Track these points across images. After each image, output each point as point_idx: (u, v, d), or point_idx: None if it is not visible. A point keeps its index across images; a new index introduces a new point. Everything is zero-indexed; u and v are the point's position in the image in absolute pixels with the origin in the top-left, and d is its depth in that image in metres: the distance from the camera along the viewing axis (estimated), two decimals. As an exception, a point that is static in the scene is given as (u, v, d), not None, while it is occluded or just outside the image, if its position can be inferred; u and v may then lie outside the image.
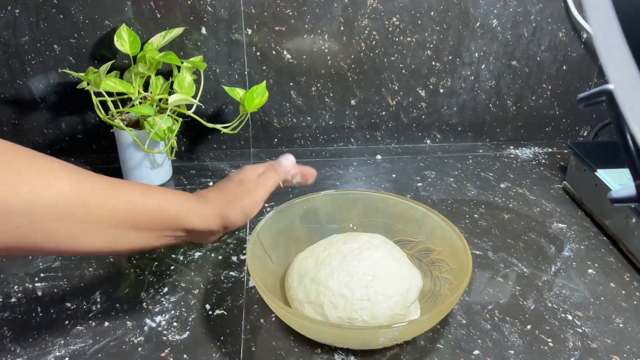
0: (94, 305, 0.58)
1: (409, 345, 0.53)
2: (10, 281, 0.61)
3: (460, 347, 0.53)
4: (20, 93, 0.83)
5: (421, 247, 0.62)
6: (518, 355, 0.53)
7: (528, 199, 0.79)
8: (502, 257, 0.66)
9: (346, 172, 0.86)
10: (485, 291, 0.61)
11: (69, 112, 0.85)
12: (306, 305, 0.53)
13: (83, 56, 0.81)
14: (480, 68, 0.89)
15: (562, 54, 0.90)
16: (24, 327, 0.55)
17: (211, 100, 0.87)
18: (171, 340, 0.53)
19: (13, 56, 0.80)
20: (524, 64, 0.90)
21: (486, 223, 0.73)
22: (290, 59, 0.85)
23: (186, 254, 0.66)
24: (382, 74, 0.88)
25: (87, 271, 0.63)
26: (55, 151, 0.88)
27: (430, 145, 0.95)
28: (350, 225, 0.65)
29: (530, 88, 0.92)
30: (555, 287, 0.62)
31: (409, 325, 0.49)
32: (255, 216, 0.73)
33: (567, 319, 0.57)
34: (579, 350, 0.53)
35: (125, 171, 0.80)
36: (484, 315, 0.57)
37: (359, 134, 0.93)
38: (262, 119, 0.89)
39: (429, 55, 0.87)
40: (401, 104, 0.91)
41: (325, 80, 0.87)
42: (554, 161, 0.91)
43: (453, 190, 0.81)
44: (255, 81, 0.86)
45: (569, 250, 0.68)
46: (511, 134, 0.96)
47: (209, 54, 0.83)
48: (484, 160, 0.90)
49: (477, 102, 0.92)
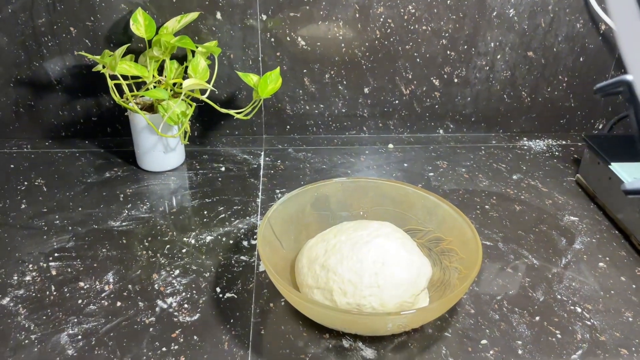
0: (106, 285, 0.59)
1: (416, 333, 0.54)
2: (25, 260, 0.62)
3: (468, 336, 0.54)
4: (37, 75, 0.84)
5: (431, 237, 0.62)
6: (526, 345, 0.53)
7: (540, 191, 0.79)
8: (512, 248, 0.66)
9: (358, 160, 0.86)
10: (494, 282, 0.61)
11: (84, 94, 0.86)
12: (315, 290, 0.53)
13: (99, 39, 0.82)
14: (496, 58, 0.88)
15: (579, 45, 0.89)
16: (38, 305, 0.56)
17: (225, 86, 0.87)
18: (182, 321, 0.54)
19: (30, 38, 0.81)
20: (540, 55, 0.89)
21: (497, 214, 0.73)
22: (304, 45, 0.85)
23: (198, 238, 0.66)
24: (396, 63, 0.87)
25: (101, 252, 0.64)
26: (70, 133, 0.89)
27: (443, 135, 0.95)
28: (360, 212, 0.65)
29: (545, 79, 0.91)
30: (565, 280, 0.61)
31: (417, 313, 0.49)
32: (267, 202, 0.74)
33: (576, 311, 0.57)
34: (587, 343, 0.53)
35: (138, 154, 0.80)
36: (493, 306, 0.57)
37: (371, 122, 0.93)
38: (275, 106, 0.89)
39: (444, 44, 0.87)
40: (415, 93, 0.90)
41: (339, 67, 0.87)
42: (567, 154, 0.90)
43: (465, 181, 0.81)
44: (269, 67, 0.86)
45: (580, 243, 0.68)
46: (525, 126, 0.95)
47: (223, 39, 0.83)
48: (497, 151, 0.90)
49: (491, 93, 0.91)
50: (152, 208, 0.72)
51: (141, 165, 0.81)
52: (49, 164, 0.82)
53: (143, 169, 0.81)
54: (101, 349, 0.51)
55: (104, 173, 0.80)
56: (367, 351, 0.52)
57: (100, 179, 0.79)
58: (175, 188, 0.77)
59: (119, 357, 0.50)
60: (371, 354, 0.51)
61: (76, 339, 0.52)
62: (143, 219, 0.70)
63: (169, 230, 0.68)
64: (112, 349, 0.51)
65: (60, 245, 0.65)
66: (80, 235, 0.66)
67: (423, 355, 0.51)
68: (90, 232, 0.67)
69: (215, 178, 0.79)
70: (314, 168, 0.83)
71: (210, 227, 0.69)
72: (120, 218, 0.70)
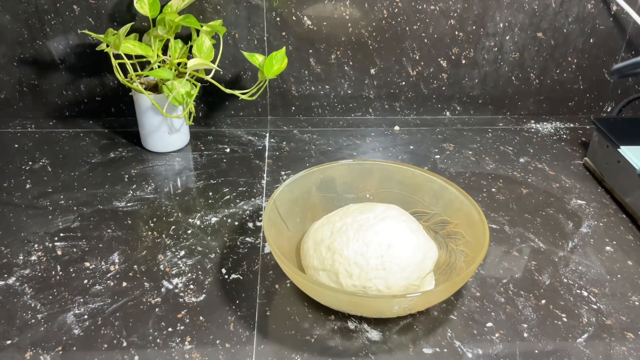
0: (112, 265, 0.59)
1: (422, 315, 0.54)
2: (30, 240, 0.62)
3: (474, 319, 0.54)
4: (40, 54, 0.83)
5: (437, 220, 0.61)
6: (531, 329, 0.53)
7: (547, 174, 0.78)
8: (518, 231, 0.66)
9: (363, 142, 0.85)
10: (500, 265, 0.61)
11: (88, 74, 0.85)
12: (321, 272, 0.53)
13: (102, 17, 0.81)
14: (505, 39, 0.87)
15: (589, 26, 0.87)
16: (44, 285, 0.56)
17: (229, 66, 0.86)
18: (187, 302, 0.54)
19: (33, 16, 0.80)
20: (550, 36, 0.87)
21: (504, 197, 0.72)
22: (310, 25, 0.84)
23: (203, 219, 0.66)
24: (403, 43, 0.86)
25: (106, 232, 0.64)
26: (74, 113, 0.88)
27: (449, 117, 0.94)
28: (366, 195, 0.65)
29: (555, 61, 0.90)
30: (572, 263, 0.61)
31: (423, 296, 0.49)
32: (273, 184, 0.73)
33: (582, 295, 0.57)
34: (593, 327, 0.53)
35: (143, 135, 0.80)
36: (499, 289, 0.57)
37: (377, 104, 0.92)
38: (280, 86, 0.89)
39: (452, 24, 0.85)
40: (422, 75, 0.89)
41: (345, 48, 0.86)
42: (575, 137, 0.89)
43: (471, 164, 0.80)
44: (274, 47, 0.85)
45: (587, 227, 0.67)
46: (533, 108, 0.94)
47: (228, 18, 0.82)
48: (504, 134, 0.89)
49: (499, 75, 0.90)
50: (157, 189, 0.72)
51: (146, 146, 0.81)
52: (53, 143, 0.82)
53: (147, 150, 0.80)
54: (107, 328, 0.51)
55: (108, 153, 0.80)
56: (373, 333, 0.52)
57: (104, 159, 0.78)
58: (180, 169, 0.77)
59: (125, 337, 0.50)
60: (376, 336, 0.51)
61: (82, 318, 0.52)
62: (148, 199, 0.70)
63: (174, 211, 0.68)
64: (118, 329, 0.51)
65: (66, 226, 0.65)
66: (86, 215, 0.66)
67: (428, 338, 0.51)
68: (95, 213, 0.67)
69: (220, 159, 0.79)
70: (320, 150, 0.83)
71: (216, 208, 0.68)
72: (125, 199, 0.70)
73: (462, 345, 0.51)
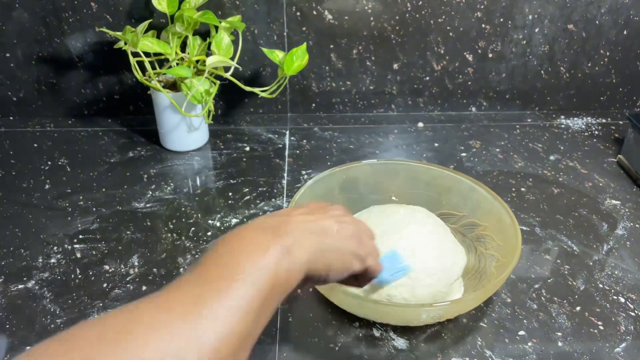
0: (131, 269, 0.58)
1: (450, 323, 0.51)
2: (49, 242, 0.61)
3: (505, 326, 0.51)
4: (58, 51, 0.82)
5: (466, 222, 0.59)
6: (566, 337, 0.50)
7: (579, 172, 0.75)
8: (550, 233, 0.63)
9: (386, 139, 0.83)
10: (531, 269, 0.58)
11: (106, 72, 0.84)
12: (345, 278, 0.51)
13: (120, 14, 0.79)
14: (534, 32, 0.84)
15: (623, 17, 0.83)
16: (64, 289, 0.55)
17: (249, 62, 0.84)
18: (207, 307, 0.53)
19: (50, 13, 0.79)
20: (582, 28, 0.84)
21: (534, 197, 0.69)
22: (331, 19, 0.81)
23: (223, 221, 0.65)
24: (427, 37, 0.83)
25: (125, 234, 0.63)
26: (92, 112, 0.87)
27: (475, 113, 0.91)
28: (391, 196, 0.63)
29: (586, 54, 0.86)
30: (607, 268, 0.58)
31: (452, 305, 0.47)
32: (293, 184, 0.72)
33: (619, 301, 0.54)
34: (631, 335, 0.50)
35: (162, 134, 0.79)
36: (530, 295, 0.55)
37: (400, 100, 0.89)
38: (300, 83, 0.87)
39: (479, 17, 0.82)
40: (446, 69, 0.86)
41: (367, 42, 0.83)
42: (608, 133, 0.85)
43: (499, 162, 0.77)
44: (294, 43, 0.82)
45: (622, 229, 0.64)
46: (563, 103, 0.91)
47: (247, 13, 0.80)
48: (533, 130, 0.86)
49: (527, 68, 0.87)
50: (176, 189, 0.71)
51: (164, 145, 0.79)
52: (72, 143, 0.81)
53: (166, 149, 0.79)
54: (126, 334, 0.50)
55: (127, 152, 0.79)
56: (399, 341, 0.50)
57: (123, 158, 0.77)
58: (199, 168, 0.75)
59: (144, 344, 0.49)
60: (403, 344, 0.49)
61: (101, 324, 0.51)
62: (167, 200, 0.68)
63: (193, 212, 0.66)
64: (138, 335, 0.50)
65: (85, 227, 0.64)
66: (105, 216, 0.65)
67: (457, 347, 0.49)
68: (114, 214, 0.66)
69: (239, 158, 0.77)
70: (341, 148, 0.80)
71: (236, 209, 0.67)
72: (145, 199, 0.68)
73: (492, 355, 0.49)
